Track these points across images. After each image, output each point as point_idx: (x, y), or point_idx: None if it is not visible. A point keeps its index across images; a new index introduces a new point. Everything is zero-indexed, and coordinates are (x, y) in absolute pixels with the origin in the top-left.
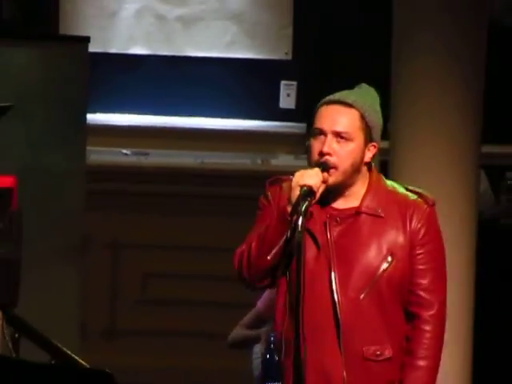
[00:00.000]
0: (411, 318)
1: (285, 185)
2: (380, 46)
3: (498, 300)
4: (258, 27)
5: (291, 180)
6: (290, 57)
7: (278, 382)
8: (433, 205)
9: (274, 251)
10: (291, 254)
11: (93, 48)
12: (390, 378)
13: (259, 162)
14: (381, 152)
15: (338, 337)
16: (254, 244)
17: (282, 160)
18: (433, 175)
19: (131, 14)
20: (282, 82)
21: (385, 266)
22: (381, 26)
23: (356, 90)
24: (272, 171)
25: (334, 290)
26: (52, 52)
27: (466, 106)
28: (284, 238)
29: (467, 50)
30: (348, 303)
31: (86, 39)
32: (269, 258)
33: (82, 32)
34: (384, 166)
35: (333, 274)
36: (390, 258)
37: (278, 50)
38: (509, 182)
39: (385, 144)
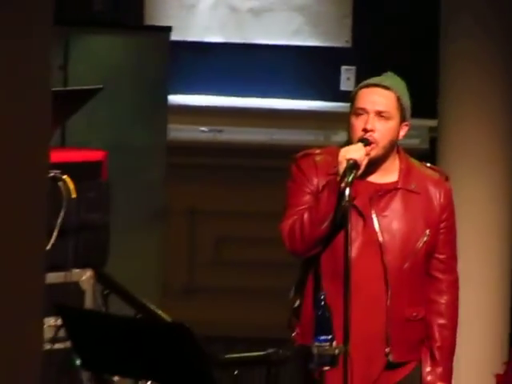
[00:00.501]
0: (434, 281)
1: (318, 158)
2: (431, 34)
3: None
4: (321, 17)
5: (320, 154)
6: (349, 44)
7: (329, 335)
8: (448, 180)
9: (327, 221)
10: (340, 222)
11: (174, 36)
12: (421, 336)
13: (322, 138)
14: (430, 129)
15: (385, 300)
16: (306, 216)
17: (341, 136)
18: (474, 151)
19: (208, 6)
20: (343, 67)
21: (425, 239)
22: (433, 13)
23: (385, 76)
24: None
25: (385, 259)
26: (138, 40)
27: (506, 87)
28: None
29: (504, 31)
30: (394, 271)
31: (168, 29)
32: (323, 227)
33: (164, 22)
34: (433, 141)
35: (381, 242)
36: (428, 232)
37: (338, 38)
38: None
39: (434, 122)
